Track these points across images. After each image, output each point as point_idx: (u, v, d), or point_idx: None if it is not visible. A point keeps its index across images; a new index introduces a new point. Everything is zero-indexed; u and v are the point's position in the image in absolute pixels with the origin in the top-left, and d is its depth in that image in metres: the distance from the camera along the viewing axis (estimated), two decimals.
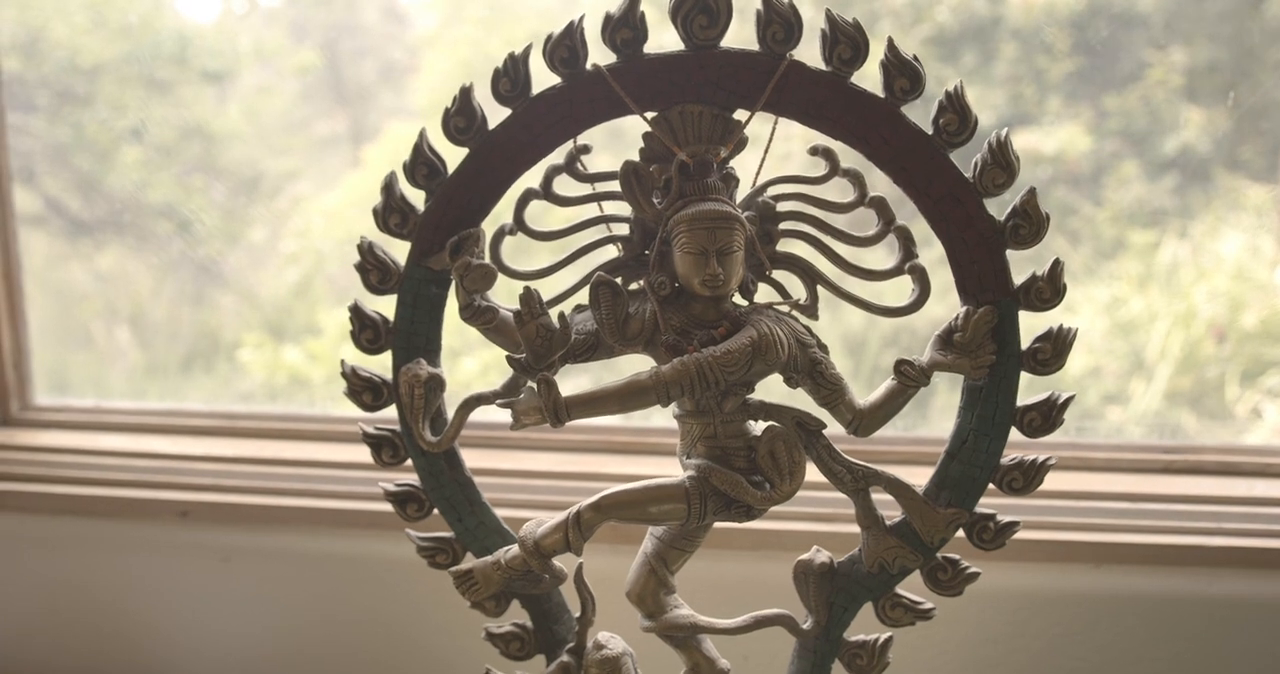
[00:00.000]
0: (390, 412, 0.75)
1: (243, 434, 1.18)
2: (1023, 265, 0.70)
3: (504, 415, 0.69)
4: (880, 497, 0.72)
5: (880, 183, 0.71)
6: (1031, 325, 0.70)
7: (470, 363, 1.46)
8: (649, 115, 0.69)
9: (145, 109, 1.50)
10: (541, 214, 0.74)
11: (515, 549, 0.72)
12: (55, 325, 1.63)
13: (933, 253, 0.71)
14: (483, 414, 0.74)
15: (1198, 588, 0.95)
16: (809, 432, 0.71)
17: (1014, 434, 0.71)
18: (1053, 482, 0.99)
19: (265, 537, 1.08)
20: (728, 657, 0.83)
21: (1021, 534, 0.94)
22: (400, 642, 1.09)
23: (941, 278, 0.71)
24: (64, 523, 1.12)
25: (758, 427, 0.71)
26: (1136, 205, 1.38)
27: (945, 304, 0.80)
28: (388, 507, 0.77)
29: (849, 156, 0.70)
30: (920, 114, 0.68)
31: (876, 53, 0.68)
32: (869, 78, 0.68)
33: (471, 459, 0.77)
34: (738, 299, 0.71)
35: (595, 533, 0.71)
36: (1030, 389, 0.72)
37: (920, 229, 0.71)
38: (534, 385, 0.67)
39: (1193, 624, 0.96)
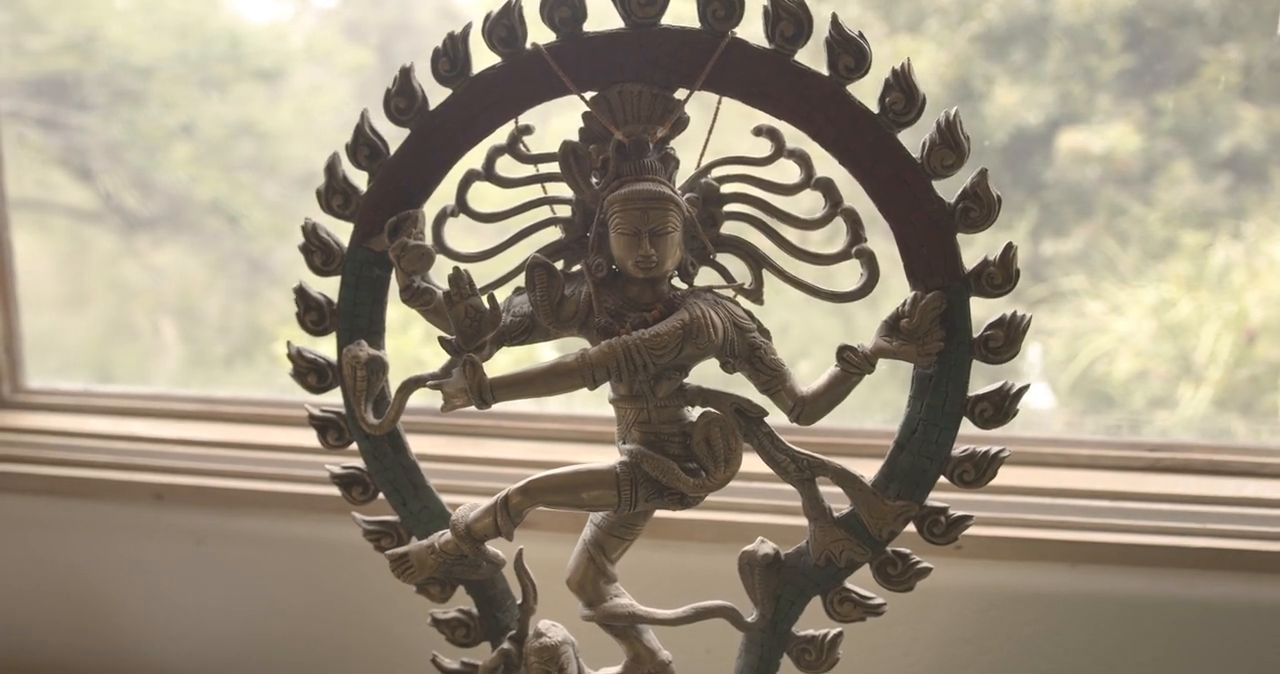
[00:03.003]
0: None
1: (221, 418, 1.19)
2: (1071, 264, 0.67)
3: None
4: (833, 490, 0.70)
5: (830, 166, 0.69)
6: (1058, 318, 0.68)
7: None
8: (588, 95, 0.68)
9: (196, 106, 1.53)
10: (486, 196, 0.73)
11: (449, 533, 0.71)
12: (111, 319, 1.67)
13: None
14: (437, 400, 0.74)
15: (1177, 590, 0.91)
16: (749, 419, 0.69)
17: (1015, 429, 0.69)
18: (1032, 478, 0.97)
19: (236, 520, 1.09)
20: (690, 650, 0.82)
21: (995, 531, 0.92)
22: (365, 625, 1.09)
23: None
24: (46, 503, 1.14)
25: (695, 412, 0.69)
26: (1188, 206, 1.35)
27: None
28: None
29: (796, 138, 0.69)
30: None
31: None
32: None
33: (428, 445, 0.76)
34: (678, 282, 0.70)
35: (529, 518, 0.70)
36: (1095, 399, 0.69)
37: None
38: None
39: (1171, 627, 0.92)
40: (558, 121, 0.78)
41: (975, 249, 0.68)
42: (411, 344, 1.36)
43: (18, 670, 1.21)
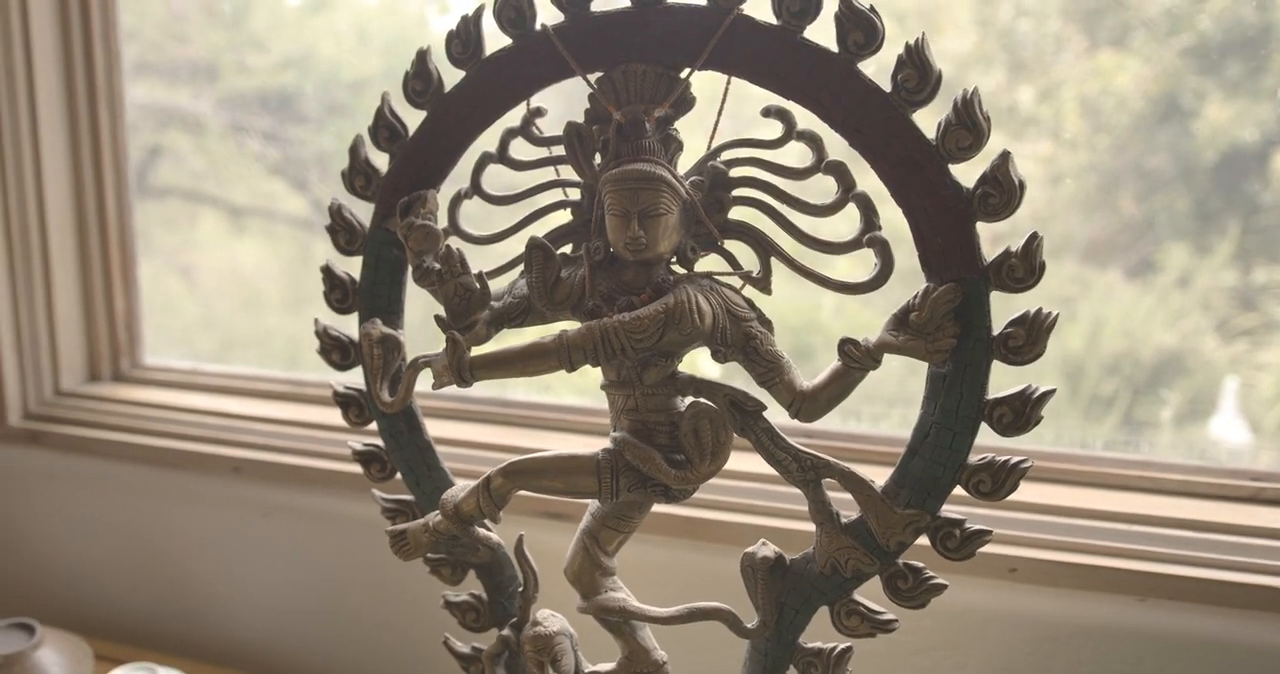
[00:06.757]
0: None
1: (305, 400, 1.23)
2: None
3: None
4: (845, 495, 0.66)
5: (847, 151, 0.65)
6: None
7: None
8: (592, 76, 0.67)
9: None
10: (511, 178, 0.73)
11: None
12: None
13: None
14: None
15: (1263, 636, 0.79)
16: (746, 413, 0.66)
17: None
18: (1108, 502, 0.88)
19: (301, 495, 1.13)
20: (720, 655, 0.79)
21: (1055, 556, 0.84)
22: (412, 603, 1.10)
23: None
24: (140, 471, 1.21)
25: (686, 403, 0.67)
26: None
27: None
28: None
29: (808, 120, 0.65)
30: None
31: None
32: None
33: (455, 431, 0.76)
34: (679, 268, 0.67)
35: (546, 505, 0.69)
36: None
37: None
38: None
39: None
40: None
41: (1170, 274, 0.61)
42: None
43: (103, 625, 1.29)
